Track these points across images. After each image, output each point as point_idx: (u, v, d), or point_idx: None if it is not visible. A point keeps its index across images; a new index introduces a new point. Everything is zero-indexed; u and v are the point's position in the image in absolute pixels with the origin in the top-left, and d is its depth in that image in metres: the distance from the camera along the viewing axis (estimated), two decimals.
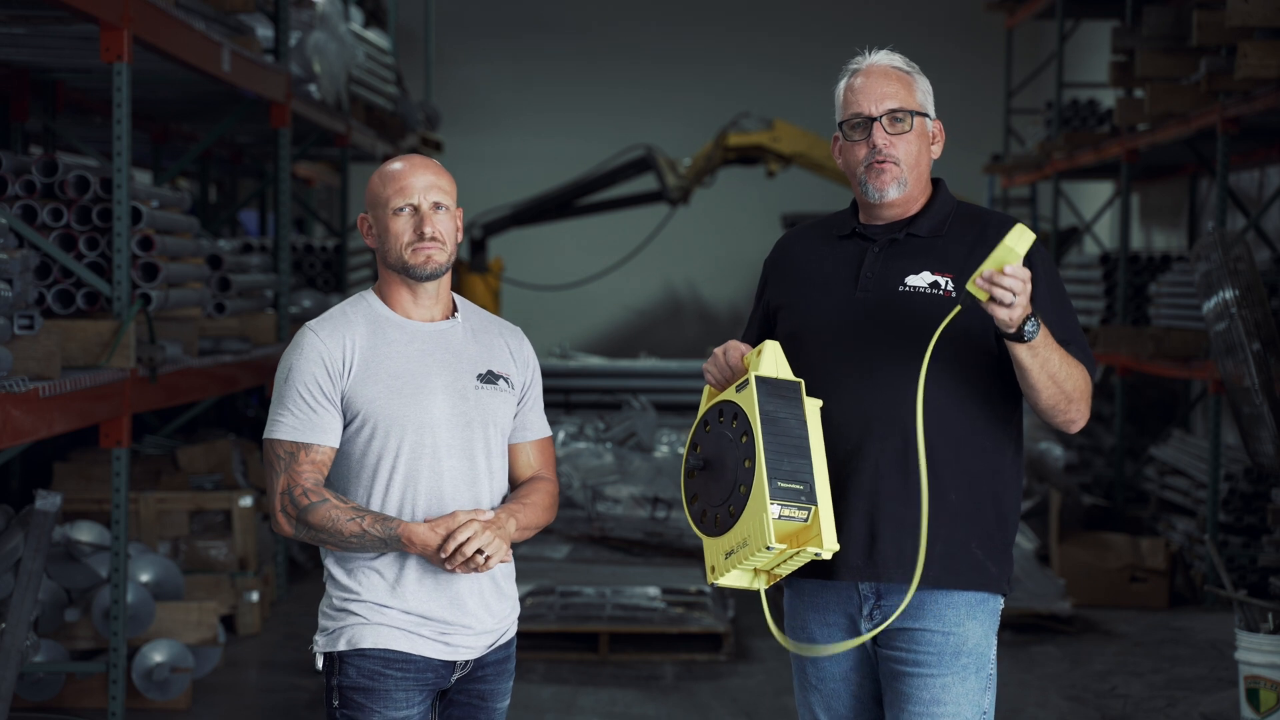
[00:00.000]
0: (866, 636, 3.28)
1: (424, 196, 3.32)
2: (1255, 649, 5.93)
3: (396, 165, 3.36)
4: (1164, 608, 8.63)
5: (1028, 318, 3.06)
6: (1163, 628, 8.22)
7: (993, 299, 3.02)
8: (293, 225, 11.78)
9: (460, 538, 3.22)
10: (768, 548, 3.05)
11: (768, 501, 3.06)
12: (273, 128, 8.58)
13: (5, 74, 7.80)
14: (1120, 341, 10.02)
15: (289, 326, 8.69)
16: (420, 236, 3.31)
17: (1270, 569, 7.98)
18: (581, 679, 7.14)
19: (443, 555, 3.22)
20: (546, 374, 11.47)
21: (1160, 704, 6.81)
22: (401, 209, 3.32)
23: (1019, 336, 3.08)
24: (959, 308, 3.14)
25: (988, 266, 3.01)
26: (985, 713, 3.32)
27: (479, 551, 3.22)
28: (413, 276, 3.34)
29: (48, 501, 5.71)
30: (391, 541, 3.24)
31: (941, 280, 3.28)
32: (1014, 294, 3.00)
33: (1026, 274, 3.01)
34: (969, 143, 15.31)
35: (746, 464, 3.12)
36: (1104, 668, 7.41)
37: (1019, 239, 3.01)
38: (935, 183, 3.42)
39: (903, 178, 3.32)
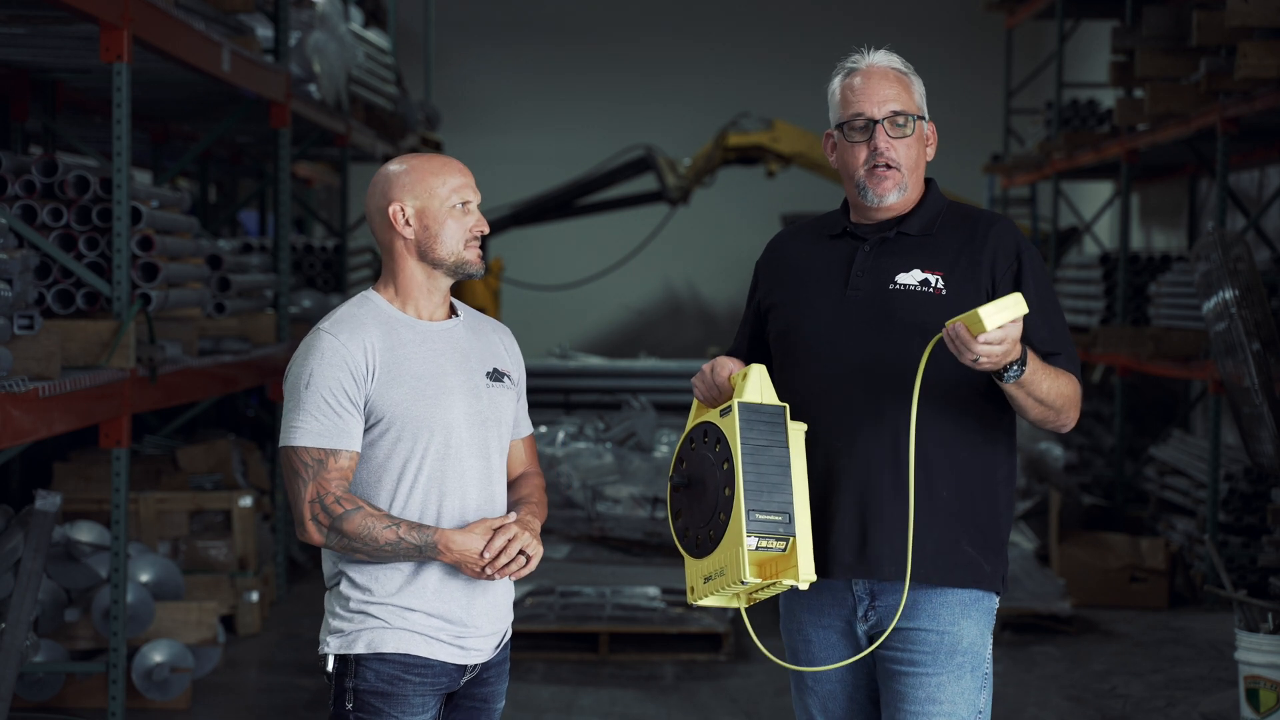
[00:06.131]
0: (864, 653, 3.31)
1: (474, 195, 3.30)
2: (1255, 649, 5.93)
3: (441, 160, 3.31)
4: (1164, 608, 8.63)
5: (1012, 363, 3.07)
6: (1163, 628, 8.22)
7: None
8: (293, 225, 11.78)
9: (501, 541, 3.20)
10: (742, 581, 3.06)
11: (744, 534, 3.05)
12: (273, 128, 8.58)
13: (5, 74, 7.80)
14: (1120, 341, 10.02)
15: (289, 326, 8.69)
16: (476, 237, 3.29)
17: (1270, 569, 7.98)
18: (581, 679, 7.14)
19: (486, 559, 3.19)
20: (547, 374, 11.50)
21: (1160, 704, 6.81)
22: (459, 205, 3.28)
23: (999, 377, 3.11)
24: (938, 336, 3.12)
25: (961, 321, 3.00)
26: (981, 712, 3.32)
27: (521, 552, 3.20)
28: (463, 274, 3.30)
29: (48, 501, 5.71)
30: (427, 549, 3.18)
31: (932, 278, 3.28)
32: (974, 358, 3.01)
33: (1000, 342, 2.99)
34: (969, 143, 15.33)
35: (727, 491, 3.11)
36: (1104, 668, 7.41)
37: (998, 310, 2.97)
38: (926, 182, 3.43)
39: (903, 182, 3.33)
